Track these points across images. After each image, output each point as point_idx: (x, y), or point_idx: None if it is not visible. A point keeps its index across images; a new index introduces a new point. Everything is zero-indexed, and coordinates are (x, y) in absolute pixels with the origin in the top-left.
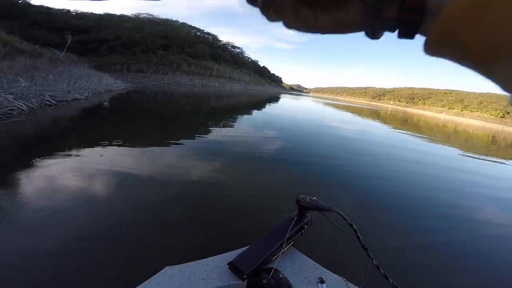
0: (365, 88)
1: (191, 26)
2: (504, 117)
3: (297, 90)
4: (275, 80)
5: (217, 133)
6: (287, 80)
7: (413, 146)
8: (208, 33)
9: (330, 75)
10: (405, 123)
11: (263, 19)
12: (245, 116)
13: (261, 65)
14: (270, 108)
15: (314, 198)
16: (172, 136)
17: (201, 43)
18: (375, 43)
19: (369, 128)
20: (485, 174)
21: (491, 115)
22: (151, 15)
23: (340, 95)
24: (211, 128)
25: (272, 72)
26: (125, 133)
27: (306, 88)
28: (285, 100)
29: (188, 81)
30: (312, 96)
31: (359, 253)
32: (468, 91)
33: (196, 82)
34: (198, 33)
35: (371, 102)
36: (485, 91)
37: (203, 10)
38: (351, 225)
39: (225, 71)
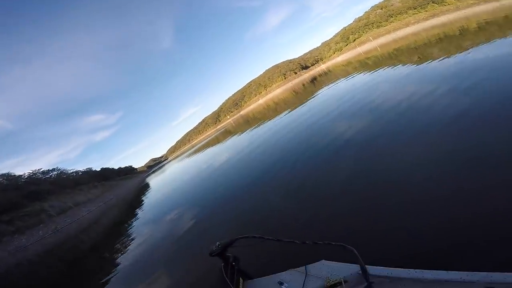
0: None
1: None
2: None
3: (156, 165)
4: (128, 172)
5: None
6: (139, 162)
7: None
8: None
9: (170, 129)
10: None
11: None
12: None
13: (98, 169)
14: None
15: (218, 242)
16: None
17: None
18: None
19: None
20: None
21: None
22: None
23: (201, 133)
24: None
25: (118, 166)
26: None
27: (161, 156)
28: (158, 181)
29: (26, 240)
30: (174, 159)
31: (283, 247)
32: None
33: (40, 233)
34: None
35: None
36: None
37: None
38: (254, 237)
39: (64, 201)
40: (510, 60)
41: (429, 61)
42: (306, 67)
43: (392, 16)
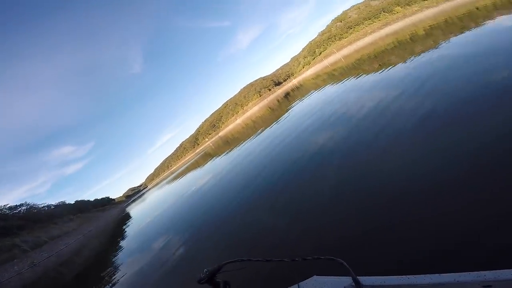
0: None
1: None
2: None
3: (134, 194)
4: (105, 203)
5: None
6: (117, 193)
7: None
8: None
9: (146, 157)
10: None
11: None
12: None
13: (72, 202)
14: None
15: (205, 269)
16: None
17: None
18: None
19: None
20: None
21: None
22: None
23: (180, 158)
24: None
25: (94, 198)
26: None
27: (140, 185)
28: (139, 210)
29: (0, 276)
30: (154, 186)
31: (273, 267)
32: None
33: (16, 268)
34: None
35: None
36: None
37: None
38: (243, 260)
39: (38, 236)
40: (458, 61)
41: (389, 67)
42: (279, 83)
43: (351, 28)
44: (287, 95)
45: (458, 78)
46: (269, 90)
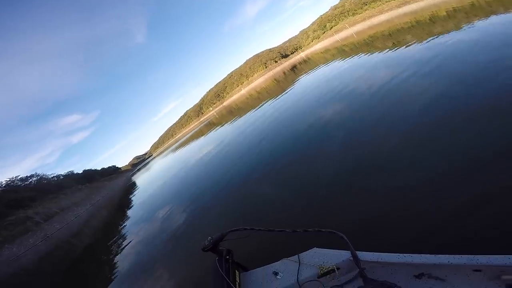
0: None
1: None
2: None
3: (140, 162)
4: (112, 172)
5: None
6: (123, 161)
7: None
8: None
9: (151, 125)
10: None
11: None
12: None
13: (80, 171)
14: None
15: (209, 237)
16: None
17: None
18: None
19: None
20: None
21: None
22: None
23: (184, 127)
24: None
25: (101, 167)
26: None
27: (145, 153)
28: (145, 179)
29: (17, 249)
30: (159, 155)
31: (275, 237)
32: None
33: (31, 241)
34: None
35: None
36: None
37: None
38: (245, 228)
39: (49, 207)
40: (479, 46)
41: (403, 46)
42: (286, 56)
43: (366, 4)
44: (293, 67)
45: (477, 63)
46: (276, 62)
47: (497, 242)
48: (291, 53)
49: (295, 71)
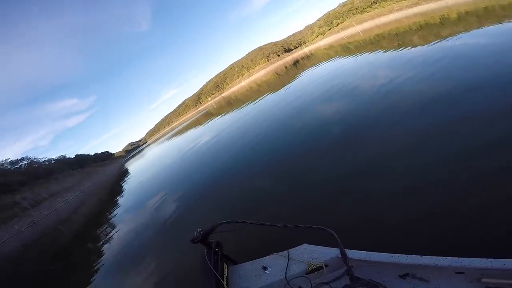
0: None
1: None
2: None
3: (134, 149)
4: (105, 158)
5: None
6: (117, 147)
7: None
8: None
9: (147, 112)
10: None
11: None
12: None
13: (72, 156)
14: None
15: (199, 229)
16: None
17: None
18: None
19: None
20: None
21: None
22: None
23: (181, 115)
24: None
25: (94, 153)
26: None
27: (140, 140)
28: (138, 166)
29: (0, 235)
30: (153, 142)
31: (266, 231)
32: None
33: (16, 228)
34: None
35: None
36: None
37: None
38: (237, 221)
39: (38, 192)
40: (487, 51)
41: (408, 47)
42: (289, 50)
43: (376, 3)
44: (296, 62)
45: (483, 68)
46: (278, 55)
47: (478, 246)
48: (295, 48)
49: (297, 66)
